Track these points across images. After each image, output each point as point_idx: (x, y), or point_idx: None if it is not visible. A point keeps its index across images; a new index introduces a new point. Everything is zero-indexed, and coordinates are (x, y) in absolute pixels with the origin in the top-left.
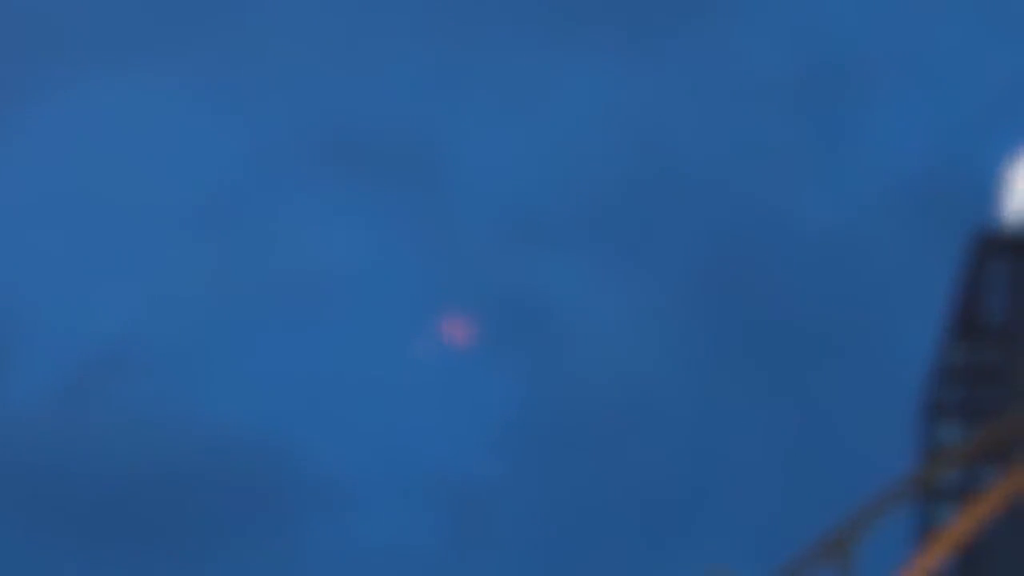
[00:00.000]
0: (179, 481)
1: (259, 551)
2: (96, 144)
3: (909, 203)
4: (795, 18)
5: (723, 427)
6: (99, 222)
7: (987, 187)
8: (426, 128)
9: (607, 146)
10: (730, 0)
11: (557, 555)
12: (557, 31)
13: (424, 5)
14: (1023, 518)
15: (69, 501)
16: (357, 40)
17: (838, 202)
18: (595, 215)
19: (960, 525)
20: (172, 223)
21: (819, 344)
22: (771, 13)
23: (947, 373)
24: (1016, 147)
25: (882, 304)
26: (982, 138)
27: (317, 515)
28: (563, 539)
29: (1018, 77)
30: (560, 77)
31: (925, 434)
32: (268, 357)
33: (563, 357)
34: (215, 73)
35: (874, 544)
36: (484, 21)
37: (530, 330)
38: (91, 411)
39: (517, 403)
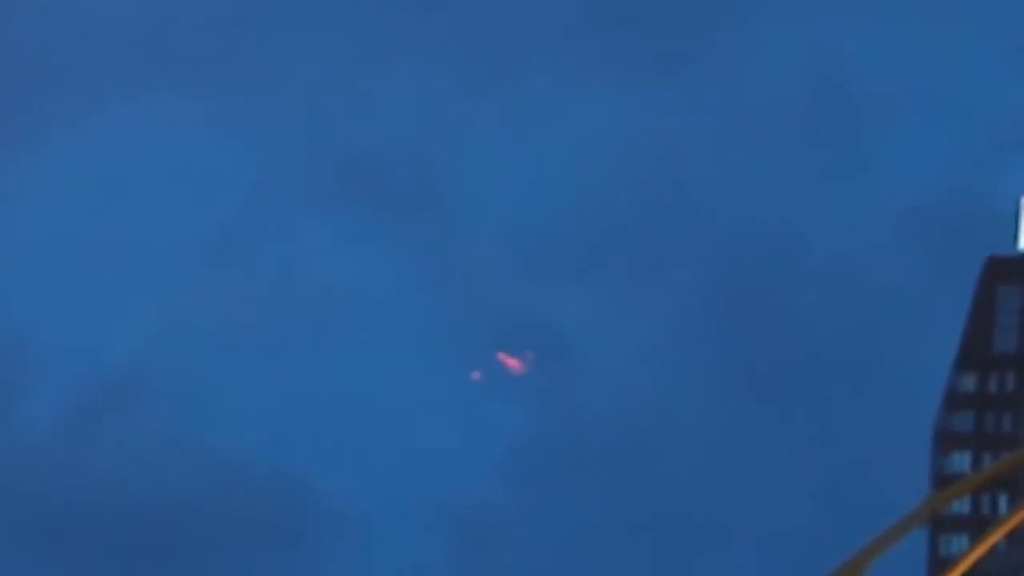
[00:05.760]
0: (190, 507)
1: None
2: (110, 171)
3: (920, 232)
4: (807, 48)
5: (734, 454)
6: (111, 248)
7: (999, 217)
8: (437, 156)
9: (617, 173)
10: (742, 28)
11: None
12: (566, 60)
13: (432, 37)
14: None
15: (78, 526)
16: (368, 70)
17: (850, 230)
18: (605, 242)
19: (972, 553)
20: (183, 250)
21: (831, 370)
22: (783, 42)
23: (958, 401)
24: None
25: (894, 332)
26: (994, 168)
27: (328, 540)
28: (571, 565)
29: None
30: (569, 105)
31: (936, 462)
32: (278, 384)
33: (573, 385)
34: (227, 102)
35: (886, 571)
36: (493, 51)
37: (540, 358)
38: (102, 437)
39: (527, 430)
